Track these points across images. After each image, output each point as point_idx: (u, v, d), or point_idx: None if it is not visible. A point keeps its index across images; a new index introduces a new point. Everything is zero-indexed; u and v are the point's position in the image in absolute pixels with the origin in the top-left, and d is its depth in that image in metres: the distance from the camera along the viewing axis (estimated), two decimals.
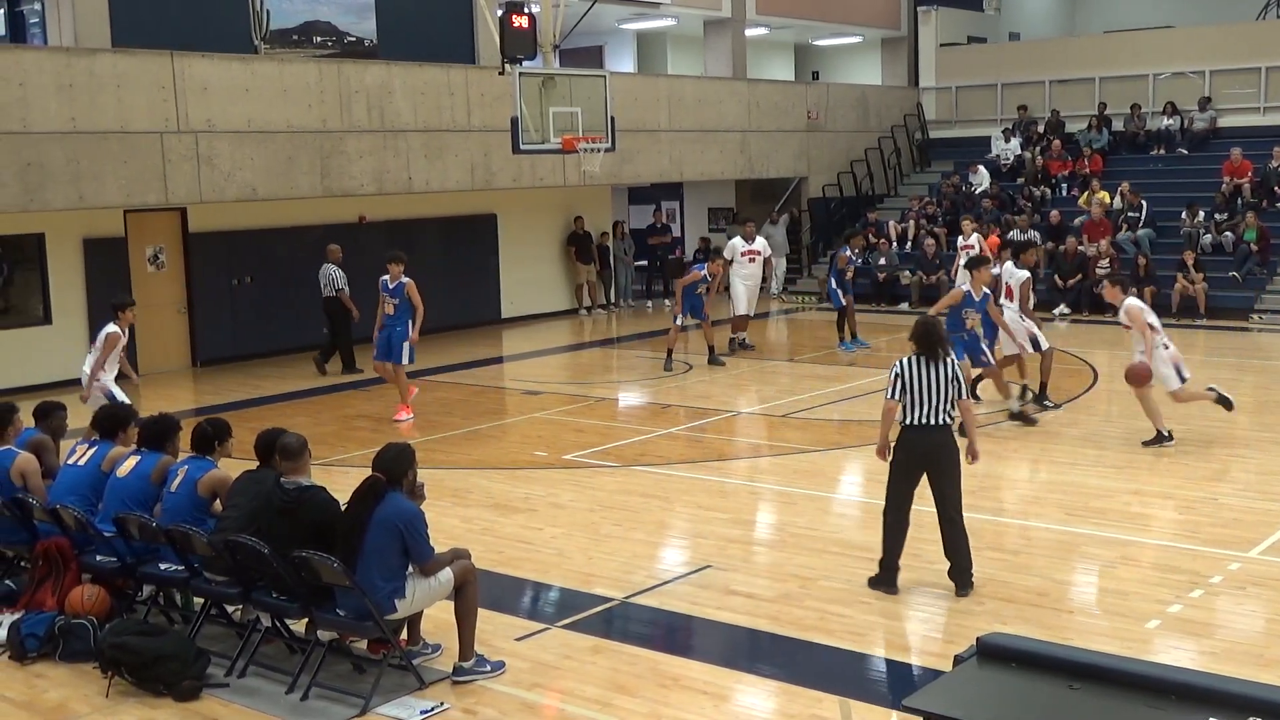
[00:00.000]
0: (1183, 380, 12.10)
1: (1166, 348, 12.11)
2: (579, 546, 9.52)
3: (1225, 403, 12.35)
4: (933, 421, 8.05)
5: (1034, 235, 21.44)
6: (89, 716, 6.72)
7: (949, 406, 8.07)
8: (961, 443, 8.31)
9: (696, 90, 24.70)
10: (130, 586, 8.03)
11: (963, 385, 8.16)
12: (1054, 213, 23.61)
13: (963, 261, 21.70)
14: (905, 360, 8.13)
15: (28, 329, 17.31)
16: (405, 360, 14.02)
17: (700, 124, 24.27)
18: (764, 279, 19.36)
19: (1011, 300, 13.79)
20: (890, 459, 8.32)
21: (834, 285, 18.56)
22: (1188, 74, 26.63)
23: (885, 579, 8.31)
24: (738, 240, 18.70)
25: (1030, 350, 13.79)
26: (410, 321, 13.96)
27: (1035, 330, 13.79)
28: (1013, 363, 13.86)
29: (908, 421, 8.11)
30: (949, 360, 8.15)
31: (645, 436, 13.32)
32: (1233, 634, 7.55)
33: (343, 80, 18.58)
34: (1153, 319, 12.14)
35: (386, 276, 14.13)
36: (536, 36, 14.67)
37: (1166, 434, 12.03)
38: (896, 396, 8.10)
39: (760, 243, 18.84)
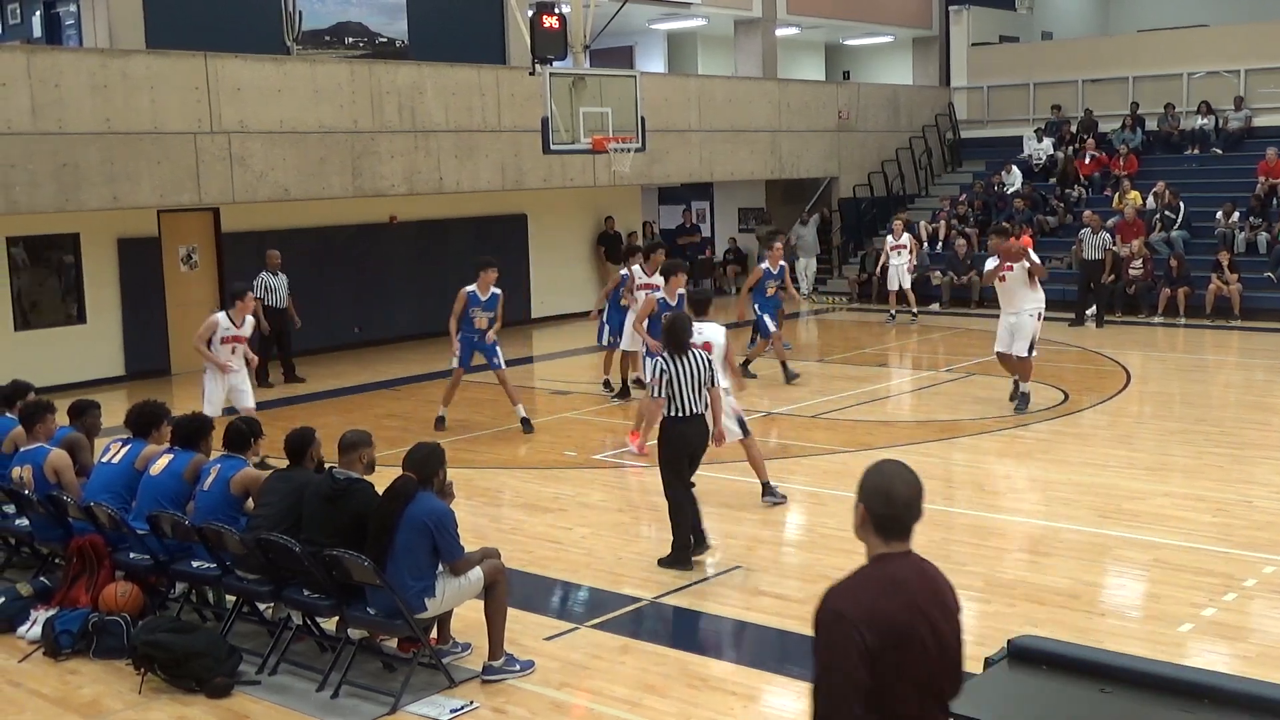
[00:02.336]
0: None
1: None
2: (608, 546, 9.53)
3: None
4: (693, 412, 8.71)
5: (1105, 237, 21.33)
6: (122, 713, 6.77)
7: (699, 401, 8.72)
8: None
9: (727, 90, 24.67)
10: (163, 584, 8.09)
11: (714, 374, 8.82)
12: (1086, 213, 23.43)
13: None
14: (664, 359, 8.72)
15: (63, 328, 17.47)
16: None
17: (730, 124, 24.24)
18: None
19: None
20: (659, 452, 8.88)
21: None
22: (1222, 73, 26.41)
23: (680, 558, 8.82)
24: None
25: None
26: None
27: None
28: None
29: (675, 414, 8.68)
30: (697, 353, 8.79)
31: None
32: (1267, 638, 7.48)
33: (374, 81, 18.65)
34: None
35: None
36: (567, 37, 14.67)
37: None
38: (661, 394, 8.66)
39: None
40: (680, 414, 8.71)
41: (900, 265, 21.34)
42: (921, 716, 3.64)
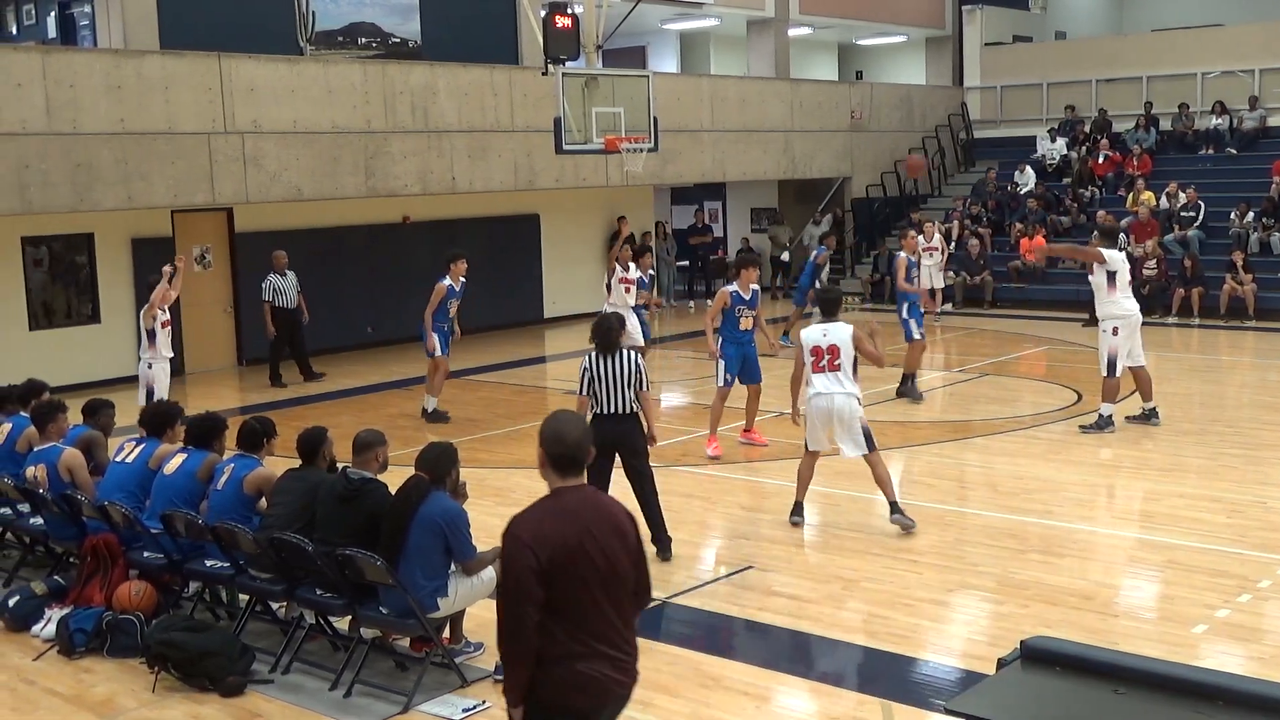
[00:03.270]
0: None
1: None
2: None
3: None
4: (617, 411, 8.72)
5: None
6: (136, 711, 6.79)
7: (632, 396, 8.74)
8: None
9: (739, 90, 24.66)
10: (177, 583, 8.11)
11: (644, 377, 8.81)
12: (1100, 213, 23.38)
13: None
14: (589, 357, 8.80)
15: (77, 327, 17.54)
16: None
17: (743, 124, 24.23)
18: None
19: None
20: None
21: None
22: (1237, 73, 26.33)
23: None
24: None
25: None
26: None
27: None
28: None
29: (598, 411, 8.75)
30: (628, 354, 8.80)
31: (687, 437, 13.30)
32: None
33: (387, 81, 18.68)
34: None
35: (738, 288, 12.69)
36: (579, 37, 14.69)
37: None
38: (585, 392, 8.77)
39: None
40: (601, 411, 8.74)
41: (932, 266, 21.37)
42: (599, 621, 4.35)
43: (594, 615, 4.35)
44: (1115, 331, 12.50)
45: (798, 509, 9.93)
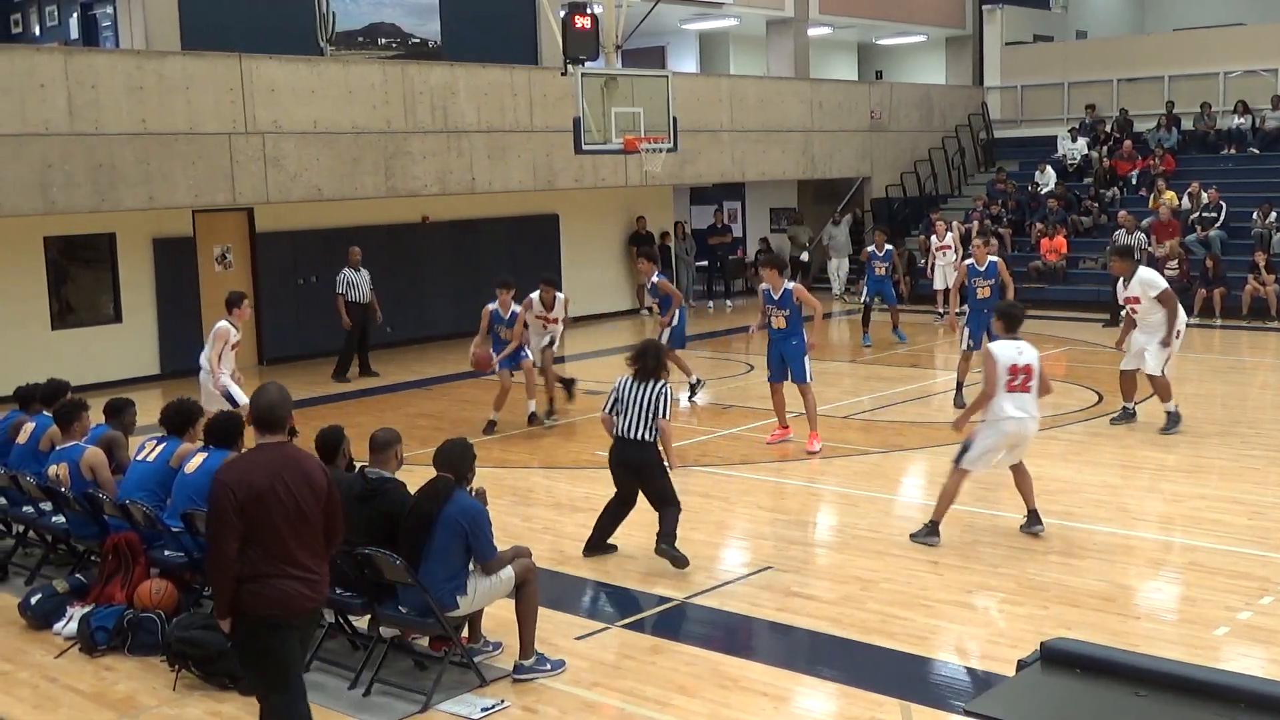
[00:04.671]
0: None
1: None
2: (639, 546, 9.53)
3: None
4: (635, 437, 8.78)
5: (1139, 237, 21.35)
6: (157, 709, 6.83)
7: (650, 424, 8.75)
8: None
9: (759, 90, 24.64)
10: (197, 581, 8.13)
11: (666, 407, 8.78)
12: (1122, 213, 23.28)
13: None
14: (622, 380, 8.92)
15: (99, 327, 17.63)
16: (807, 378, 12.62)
17: (763, 124, 24.21)
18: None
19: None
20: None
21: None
22: (1259, 72, 26.18)
23: (592, 548, 9.24)
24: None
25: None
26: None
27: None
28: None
29: (617, 433, 8.88)
30: (656, 385, 8.79)
31: (706, 437, 13.30)
32: None
33: (407, 81, 18.73)
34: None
35: (768, 286, 12.51)
36: (599, 37, 14.69)
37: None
38: (609, 411, 8.92)
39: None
40: (620, 434, 8.85)
41: (947, 265, 21.51)
42: (288, 549, 5.37)
43: (284, 544, 5.37)
44: (1178, 336, 12.79)
45: (933, 529, 9.30)
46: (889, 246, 19.63)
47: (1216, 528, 9.60)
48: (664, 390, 8.83)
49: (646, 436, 8.78)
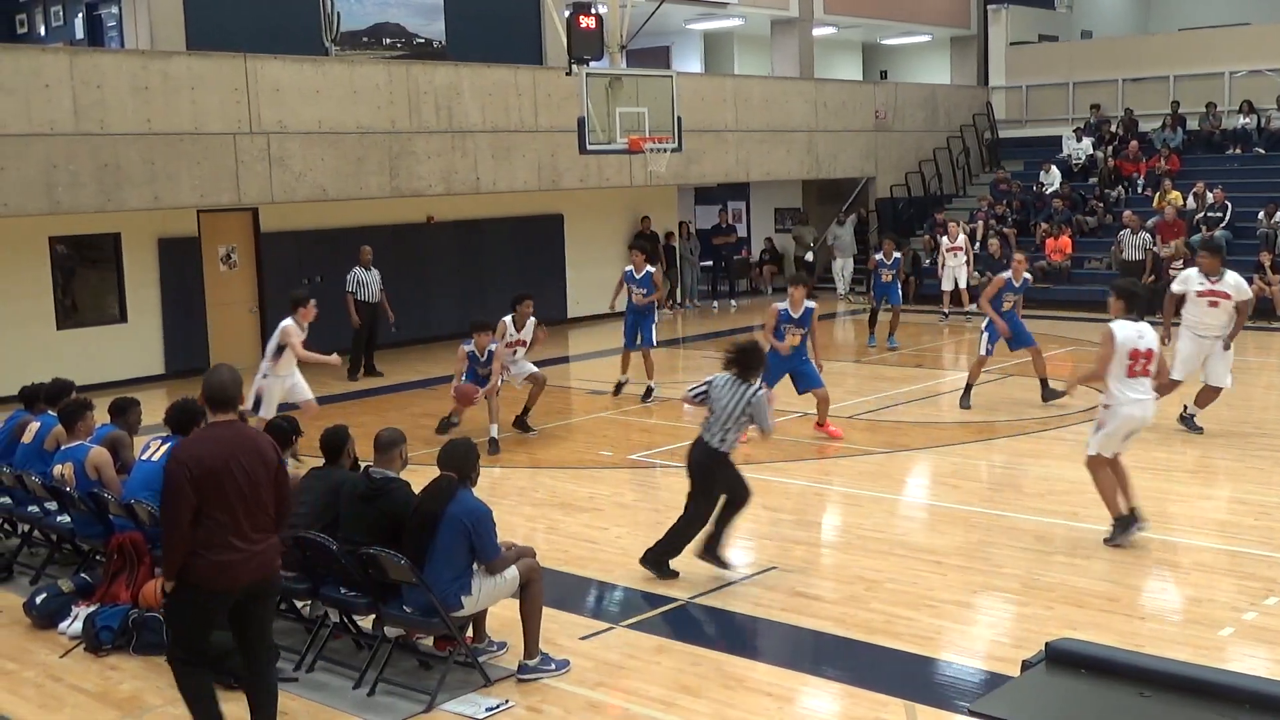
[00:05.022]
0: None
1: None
2: (644, 546, 9.51)
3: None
4: (703, 438, 8.42)
5: (1144, 237, 21.42)
6: (161, 708, 6.83)
7: (730, 433, 8.32)
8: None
9: (763, 90, 24.63)
10: None
11: (766, 418, 8.34)
12: (1126, 214, 23.27)
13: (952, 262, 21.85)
14: (721, 377, 8.48)
15: (104, 327, 17.65)
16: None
17: (767, 124, 24.20)
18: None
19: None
20: None
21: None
22: (1265, 72, 26.13)
23: (656, 559, 8.67)
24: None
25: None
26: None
27: None
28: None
29: (701, 434, 8.53)
30: (751, 390, 8.32)
31: None
32: None
33: (411, 81, 18.74)
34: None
35: (787, 305, 12.87)
36: (603, 37, 14.69)
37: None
38: (696, 395, 8.56)
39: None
40: (702, 434, 8.49)
41: (957, 266, 21.83)
42: (239, 523, 5.71)
43: (234, 519, 5.70)
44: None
45: (1124, 525, 8.94)
46: (897, 255, 19.49)
47: (1222, 528, 9.59)
48: (758, 397, 8.33)
49: (720, 445, 8.38)
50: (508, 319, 13.47)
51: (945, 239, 22.22)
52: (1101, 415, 9.15)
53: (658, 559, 8.62)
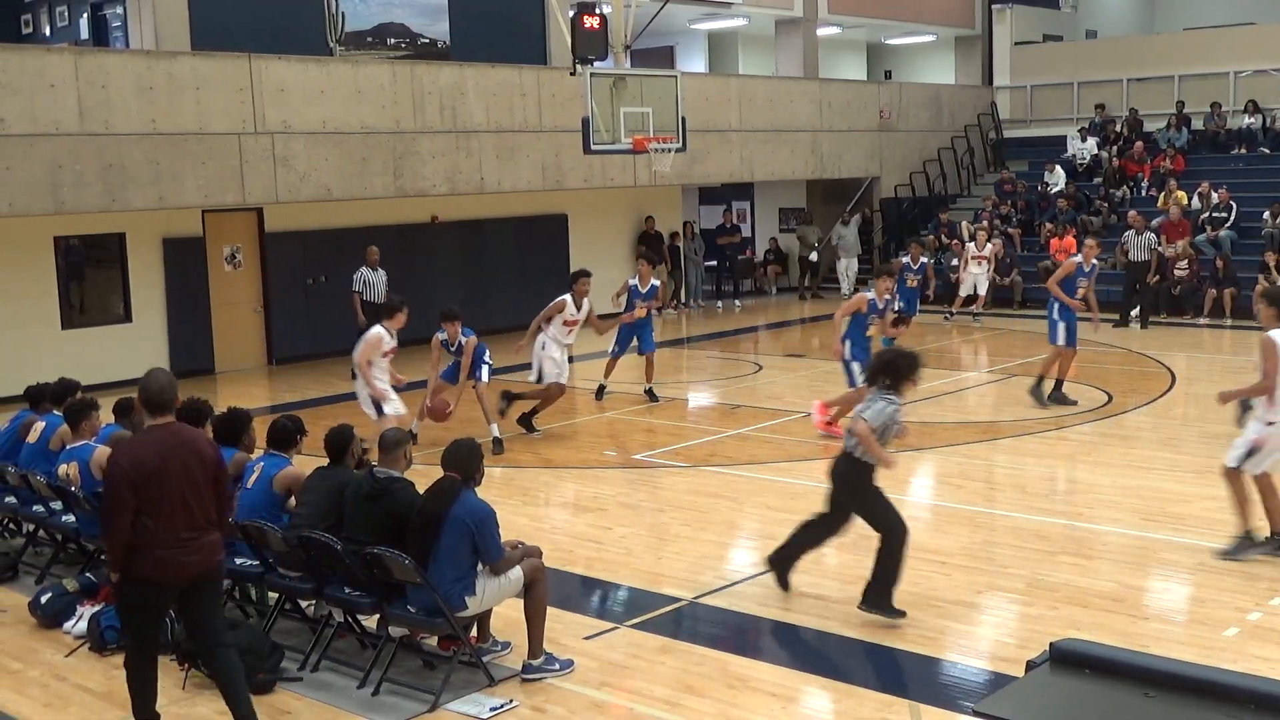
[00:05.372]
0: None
1: None
2: (648, 546, 9.54)
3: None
4: (846, 449, 7.86)
5: (1149, 237, 21.37)
6: (166, 708, 6.83)
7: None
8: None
9: (768, 90, 24.63)
10: None
11: (884, 419, 7.71)
12: (1132, 213, 23.25)
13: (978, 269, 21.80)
14: (888, 398, 7.82)
15: (109, 327, 17.67)
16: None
17: (771, 124, 24.19)
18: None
19: None
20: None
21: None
22: (1270, 71, 26.10)
23: (877, 599, 7.75)
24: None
25: None
26: None
27: None
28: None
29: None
30: (892, 400, 7.78)
31: (715, 437, 13.30)
32: None
33: (416, 81, 18.75)
34: None
35: (874, 295, 12.62)
36: (608, 37, 14.71)
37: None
38: (876, 428, 7.74)
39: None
40: (845, 447, 7.86)
41: (980, 274, 22.13)
42: (178, 520, 5.94)
43: (173, 517, 5.93)
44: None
45: (1248, 541, 8.56)
46: (924, 259, 19.26)
47: (1226, 528, 9.56)
48: (890, 404, 7.77)
49: (848, 450, 7.83)
50: (566, 297, 13.49)
51: (972, 245, 22.44)
52: (1262, 434, 8.50)
53: (877, 600, 7.70)
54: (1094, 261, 14.14)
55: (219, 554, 6.27)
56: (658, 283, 15.37)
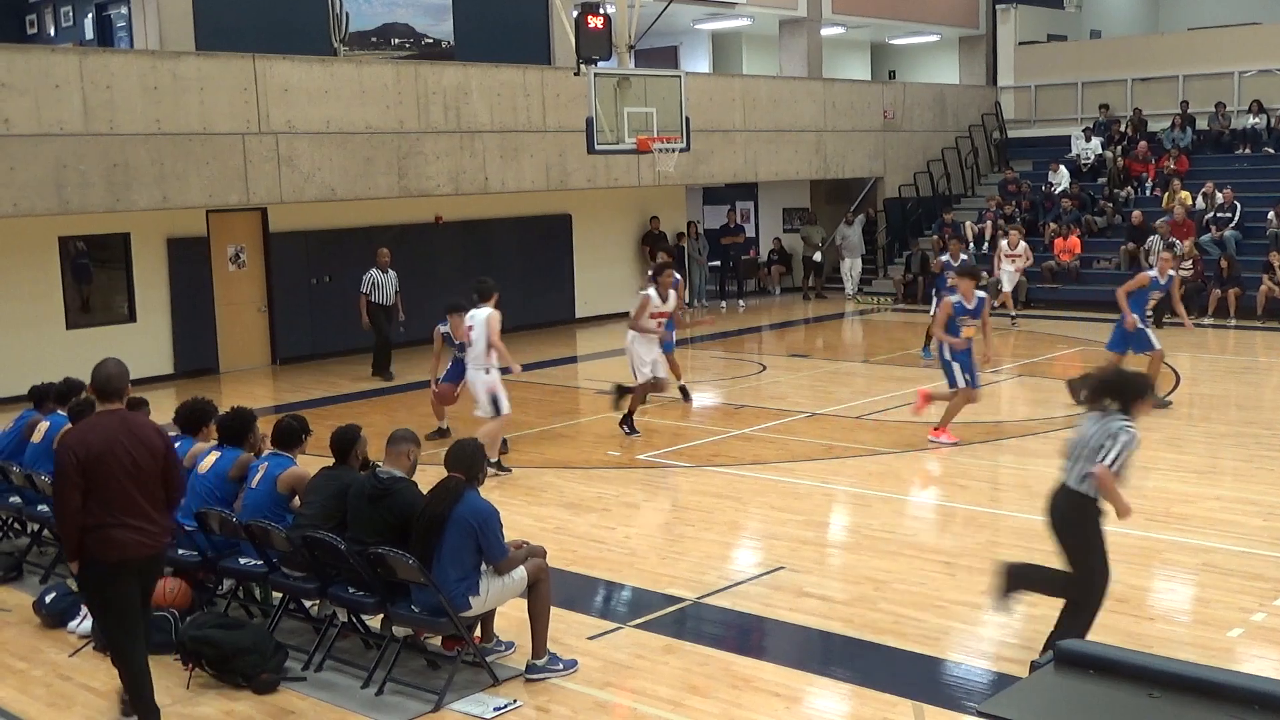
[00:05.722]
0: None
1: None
2: (652, 546, 9.54)
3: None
4: (1062, 479, 6.92)
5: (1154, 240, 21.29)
6: (170, 707, 6.84)
7: (1081, 469, 6.76)
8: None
9: (771, 90, 24.62)
10: (211, 580, 8.17)
11: (1113, 451, 6.65)
12: (1135, 213, 23.24)
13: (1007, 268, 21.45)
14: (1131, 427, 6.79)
15: (113, 326, 17.69)
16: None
17: (775, 124, 24.19)
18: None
19: None
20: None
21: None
22: (1274, 71, 26.08)
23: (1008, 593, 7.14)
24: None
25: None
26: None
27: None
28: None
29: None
30: (1113, 423, 6.73)
31: (719, 437, 13.30)
32: None
33: (420, 81, 18.76)
34: None
35: (961, 298, 12.49)
36: (612, 37, 14.71)
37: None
38: (1116, 468, 6.72)
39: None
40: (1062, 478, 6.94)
41: (1011, 272, 22.12)
42: (126, 502, 6.15)
43: (122, 498, 6.14)
44: None
45: None
46: (965, 257, 17.95)
47: (1231, 529, 9.57)
48: (1126, 433, 6.69)
49: (1072, 482, 6.84)
50: (651, 291, 13.32)
51: (1005, 244, 22.49)
52: None
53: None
54: (1169, 273, 13.78)
55: (165, 538, 6.48)
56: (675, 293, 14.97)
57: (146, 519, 6.22)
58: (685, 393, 15.04)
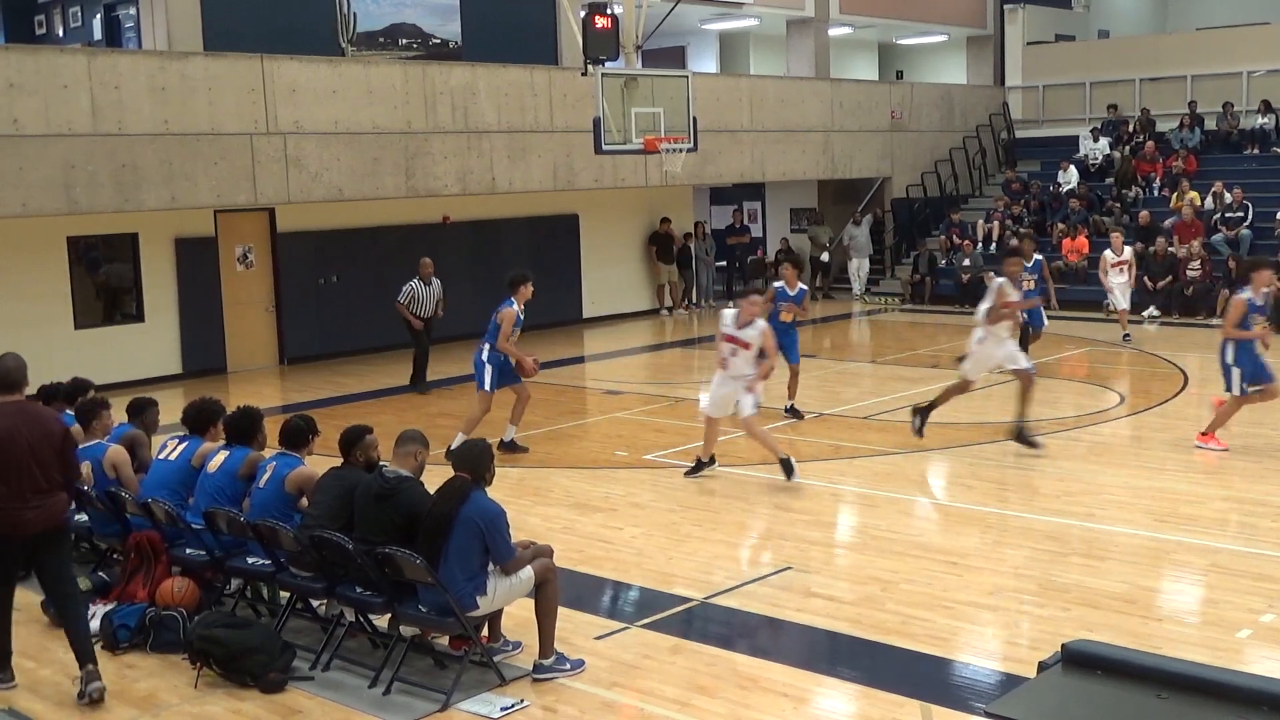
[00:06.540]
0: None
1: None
2: (659, 546, 9.54)
3: None
4: None
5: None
6: (178, 706, 6.85)
7: None
8: None
9: (779, 90, 24.61)
10: (219, 579, 8.18)
11: None
12: (1144, 213, 23.20)
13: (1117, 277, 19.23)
14: None
15: (122, 326, 17.73)
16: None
17: (782, 124, 24.18)
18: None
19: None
20: None
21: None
22: None
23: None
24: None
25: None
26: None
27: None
28: None
29: None
30: None
31: (726, 437, 13.26)
32: None
33: (427, 82, 18.77)
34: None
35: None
36: (619, 37, 14.70)
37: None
38: None
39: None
40: None
41: (1122, 283, 19.46)
42: (23, 484, 6.79)
43: (20, 480, 6.77)
44: None
45: None
46: (1038, 257, 16.53)
47: (1239, 530, 9.56)
48: None
49: None
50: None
51: (1109, 253, 19.60)
52: None
53: None
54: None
55: (64, 511, 7.12)
56: (805, 287, 14.27)
57: (44, 497, 6.87)
58: (795, 412, 14.16)
